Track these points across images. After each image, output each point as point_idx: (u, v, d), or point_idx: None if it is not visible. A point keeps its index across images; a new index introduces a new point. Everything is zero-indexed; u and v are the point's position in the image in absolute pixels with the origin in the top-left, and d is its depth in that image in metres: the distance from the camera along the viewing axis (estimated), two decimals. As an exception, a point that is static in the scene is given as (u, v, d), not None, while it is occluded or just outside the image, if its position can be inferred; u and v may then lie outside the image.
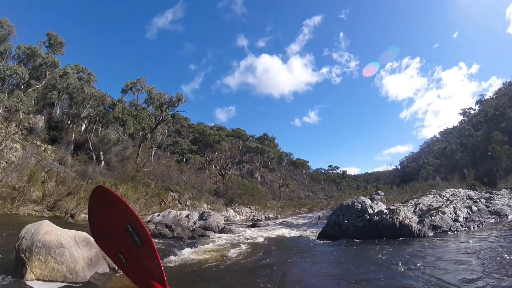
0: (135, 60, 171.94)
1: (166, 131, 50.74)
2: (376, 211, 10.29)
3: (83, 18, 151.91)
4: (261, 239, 11.84)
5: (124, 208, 3.26)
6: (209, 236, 12.68)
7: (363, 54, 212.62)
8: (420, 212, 10.07)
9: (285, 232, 14.43)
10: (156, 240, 10.23)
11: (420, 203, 10.76)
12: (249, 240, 11.36)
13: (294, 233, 13.69)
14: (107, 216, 3.46)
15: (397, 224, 9.42)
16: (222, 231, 15.03)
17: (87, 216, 3.84)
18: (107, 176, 24.31)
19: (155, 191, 22.21)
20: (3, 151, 18.72)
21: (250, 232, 14.32)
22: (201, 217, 17.45)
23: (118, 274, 5.38)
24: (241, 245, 10.39)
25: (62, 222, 12.71)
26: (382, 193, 22.92)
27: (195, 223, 16.74)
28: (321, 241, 10.24)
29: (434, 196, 12.80)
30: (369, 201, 10.89)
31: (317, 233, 12.00)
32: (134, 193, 18.73)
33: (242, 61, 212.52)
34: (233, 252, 8.90)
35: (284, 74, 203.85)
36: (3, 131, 20.78)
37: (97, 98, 28.22)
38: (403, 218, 9.58)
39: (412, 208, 10.34)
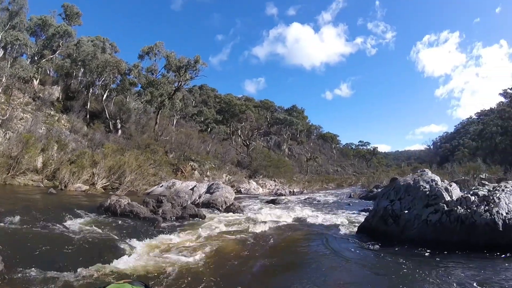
0: (160, 32, 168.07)
1: (193, 101, 47.64)
2: (455, 197, 6.09)
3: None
4: (272, 226, 8.02)
5: None
6: (204, 217, 9.04)
7: (401, 25, 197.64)
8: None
9: (309, 215, 10.53)
10: (118, 222, 6.76)
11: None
12: (255, 228, 7.58)
13: (321, 218, 9.71)
14: None
15: (499, 223, 5.25)
16: (228, 209, 11.43)
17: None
18: (123, 145, 21.54)
19: (163, 158, 18.86)
20: (11, 121, 16.89)
21: (263, 214, 10.54)
22: (209, 189, 13.93)
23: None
24: (239, 236, 6.68)
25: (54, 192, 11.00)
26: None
27: (199, 197, 13.26)
28: (364, 243, 6.19)
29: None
30: (440, 180, 6.66)
31: (355, 225, 8.02)
32: (135, 160, 15.40)
33: (271, 30, 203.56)
34: (208, 259, 5.15)
35: (315, 44, 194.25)
36: (14, 102, 18.70)
37: (111, 64, 25.05)
38: (507, 212, 5.39)
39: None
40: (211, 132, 41.50)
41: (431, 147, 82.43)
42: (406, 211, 6.13)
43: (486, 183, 13.35)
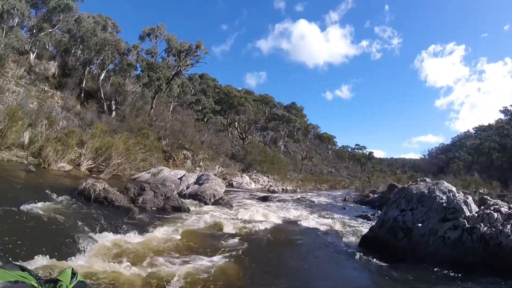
0: (164, 17, 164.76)
1: (192, 89, 46.41)
2: (474, 212, 5.22)
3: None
4: (262, 228, 7.09)
5: None
6: (188, 210, 8.12)
7: (408, 32, 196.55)
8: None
9: (304, 216, 9.65)
10: (89, 209, 5.85)
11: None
12: (242, 229, 6.67)
13: (316, 222, 8.81)
14: None
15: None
16: (217, 202, 10.54)
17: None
18: (115, 127, 20.56)
19: (154, 144, 17.85)
20: (3, 93, 16.15)
21: (254, 211, 9.61)
22: (198, 180, 13.04)
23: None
24: (219, 239, 5.76)
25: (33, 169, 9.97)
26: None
27: (187, 187, 12.39)
28: (369, 258, 5.25)
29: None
30: (457, 192, 5.77)
31: (355, 233, 7.11)
32: (124, 143, 14.39)
33: (277, 24, 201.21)
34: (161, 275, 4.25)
35: (320, 42, 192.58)
36: (7, 74, 17.74)
37: (110, 43, 23.88)
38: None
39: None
40: (208, 122, 40.45)
41: (427, 157, 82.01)
42: (420, 224, 5.23)
43: (489, 198, 12.52)
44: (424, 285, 4.03)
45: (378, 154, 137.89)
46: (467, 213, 5.11)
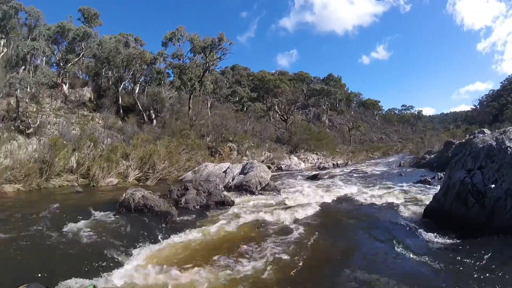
0: (183, 20, 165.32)
1: (227, 83, 46.35)
2: None
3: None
4: (310, 212, 6.53)
5: None
6: (233, 203, 7.79)
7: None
8: None
9: (357, 192, 8.93)
10: (128, 221, 5.76)
11: None
12: (291, 215, 6.19)
13: (372, 196, 8.06)
14: None
15: None
16: (263, 189, 10.15)
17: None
18: (159, 134, 21.09)
19: (195, 142, 17.90)
20: (45, 127, 16.81)
21: (303, 193, 9.09)
22: (243, 170, 12.77)
23: None
24: (267, 229, 5.35)
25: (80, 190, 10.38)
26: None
27: (233, 179, 12.17)
28: (436, 234, 4.42)
29: None
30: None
31: (417, 204, 6.30)
32: (166, 148, 14.57)
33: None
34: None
35: (345, 7, 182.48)
36: (44, 108, 18.88)
37: (135, 56, 24.36)
38: None
39: None
40: (247, 111, 40.14)
41: (478, 106, 75.02)
42: (493, 185, 4.36)
43: None
44: (506, 262, 3.27)
45: (428, 111, 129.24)
46: (554, 162, 4.15)
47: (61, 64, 23.10)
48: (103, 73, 26.95)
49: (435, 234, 4.43)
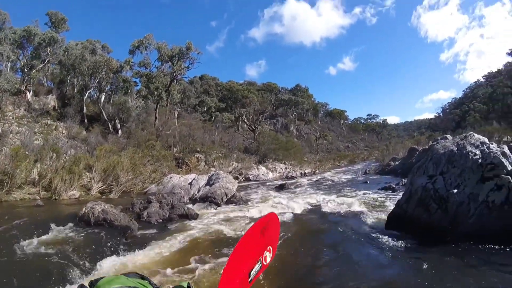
0: (152, 27, 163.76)
1: (195, 92, 45.72)
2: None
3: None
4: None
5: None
6: (196, 216, 7.42)
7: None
8: None
9: (322, 200, 8.80)
10: (86, 235, 5.26)
11: None
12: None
13: (337, 204, 7.95)
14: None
15: None
16: (230, 201, 9.82)
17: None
18: (124, 145, 20.15)
19: (160, 153, 17.21)
20: (7, 136, 15.94)
21: (269, 204, 8.84)
22: (209, 181, 12.36)
23: None
24: (229, 243, 5.01)
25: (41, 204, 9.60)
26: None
27: (198, 191, 11.72)
28: (399, 241, 4.36)
29: None
30: (492, 143, 4.79)
31: (380, 210, 6.21)
32: (130, 159, 13.85)
33: (266, 9, 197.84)
34: None
35: (313, 19, 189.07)
36: (7, 116, 17.61)
37: (101, 64, 23.39)
38: None
39: None
40: (215, 121, 39.72)
41: (441, 114, 79.12)
42: (455, 190, 4.31)
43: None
44: (473, 270, 3.15)
45: (392, 120, 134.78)
46: (509, 167, 4.17)
47: (26, 70, 21.84)
48: (68, 81, 25.69)
49: (398, 241, 4.33)
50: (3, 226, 6.09)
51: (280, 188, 13.44)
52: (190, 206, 8.30)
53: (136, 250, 4.95)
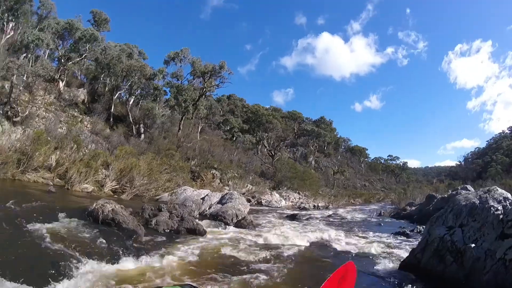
0: (189, 42, 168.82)
1: (221, 110, 46.64)
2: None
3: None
4: (284, 254, 6.18)
5: None
6: (204, 232, 7.37)
7: (432, 34, 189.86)
8: None
9: (334, 238, 8.60)
10: (94, 231, 5.36)
11: None
12: (260, 255, 5.81)
13: (348, 243, 7.75)
14: None
15: None
16: (239, 223, 9.74)
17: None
18: (144, 149, 20.63)
19: (179, 164, 17.48)
20: (33, 119, 16.51)
21: (278, 233, 8.71)
22: (222, 200, 12.36)
23: None
24: (234, 268, 4.95)
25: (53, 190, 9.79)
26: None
27: (210, 207, 11.72)
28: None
29: None
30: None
31: (393, 256, 6.02)
32: (148, 164, 14.13)
33: (300, 40, 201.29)
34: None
35: (345, 54, 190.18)
36: (36, 100, 18.44)
37: (136, 68, 24.42)
38: None
39: None
40: (236, 141, 40.09)
41: (463, 163, 76.88)
42: (473, 244, 4.14)
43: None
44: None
45: (413, 164, 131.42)
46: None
47: (62, 60, 22.96)
48: (101, 79, 26.88)
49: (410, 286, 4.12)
50: (15, 207, 6.22)
51: (292, 218, 13.24)
52: (198, 221, 8.27)
53: (139, 256, 4.94)
